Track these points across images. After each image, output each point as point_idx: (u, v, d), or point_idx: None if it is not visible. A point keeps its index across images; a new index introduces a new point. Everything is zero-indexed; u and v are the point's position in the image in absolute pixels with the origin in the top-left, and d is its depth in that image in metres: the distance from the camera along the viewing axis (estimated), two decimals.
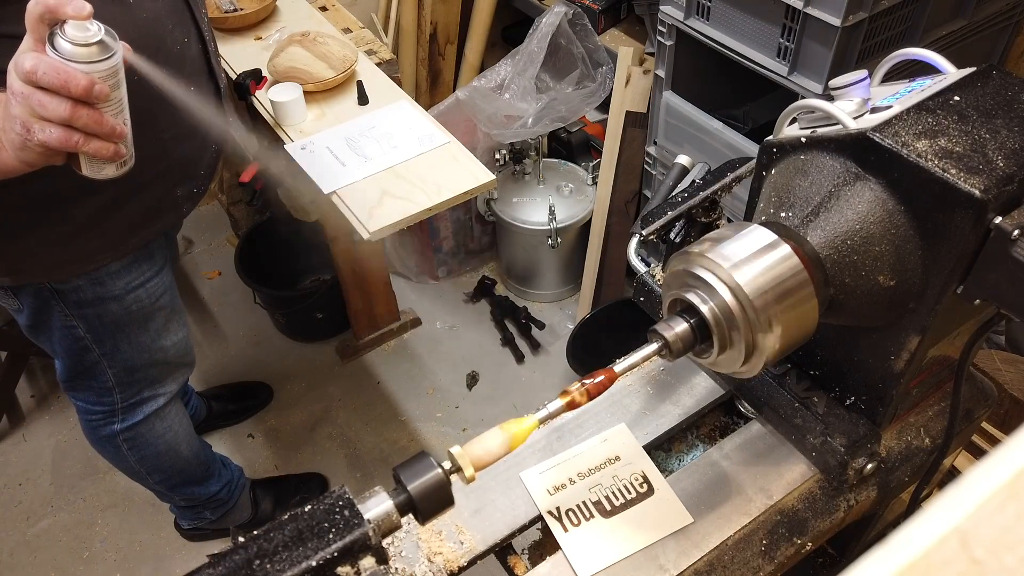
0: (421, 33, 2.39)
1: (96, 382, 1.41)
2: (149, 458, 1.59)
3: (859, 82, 0.73)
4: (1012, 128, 0.67)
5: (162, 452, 1.60)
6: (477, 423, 2.22)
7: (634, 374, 0.99)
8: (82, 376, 1.40)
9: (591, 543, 0.83)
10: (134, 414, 1.50)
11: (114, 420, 1.49)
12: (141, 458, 1.58)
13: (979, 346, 0.83)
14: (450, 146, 1.57)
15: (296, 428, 2.23)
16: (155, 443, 1.57)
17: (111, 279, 1.27)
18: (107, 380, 1.41)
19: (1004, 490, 0.23)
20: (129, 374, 1.42)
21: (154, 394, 1.50)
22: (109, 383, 1.42)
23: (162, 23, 1.08)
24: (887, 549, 0.23)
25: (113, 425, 1.50)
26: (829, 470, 0.87)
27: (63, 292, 1.24)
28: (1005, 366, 1.60)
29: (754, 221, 0.73)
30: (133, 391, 1.46)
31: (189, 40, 1.15)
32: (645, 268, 0.99)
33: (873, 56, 1.47)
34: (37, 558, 1.97)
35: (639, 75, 1.99)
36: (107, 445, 1.55)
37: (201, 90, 1.21)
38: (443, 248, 2.52)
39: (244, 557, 0.59)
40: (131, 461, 1.58)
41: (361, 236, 1.42)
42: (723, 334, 0.68)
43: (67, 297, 1.25)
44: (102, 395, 1.44)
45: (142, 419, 1.51)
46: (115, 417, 1.49)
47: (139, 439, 1.54)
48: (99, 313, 1.29)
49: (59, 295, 1.25)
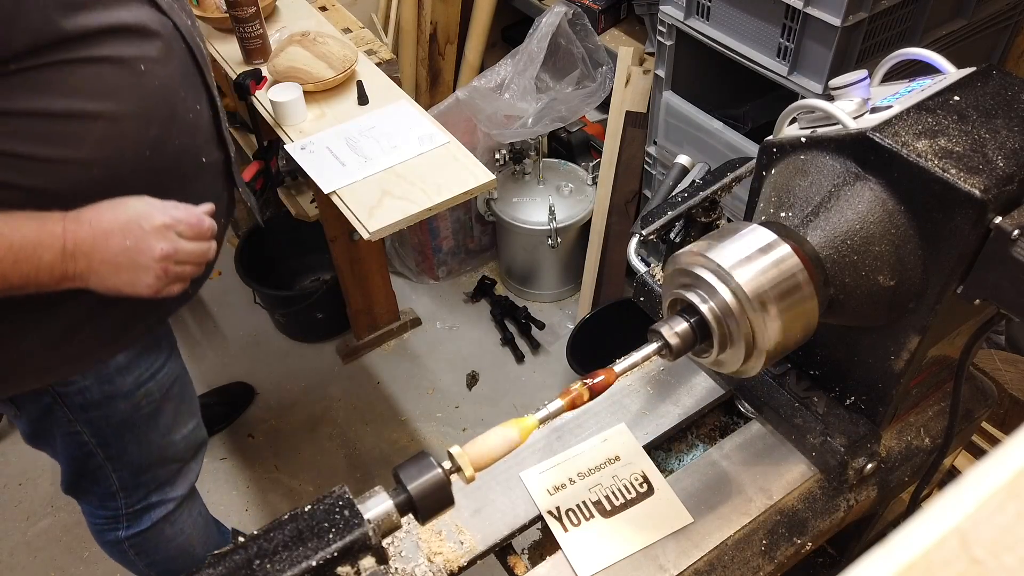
0: (421, 33, 2.39)
1: (99, 487, 1.29)
2: (160, 562, 1.44)
3: (859, 82, 0.73)
4: (1012, 128, 0.67)
5: (174, 556, 1.45)
6: (477, 423, 2.22)
7: (634, 374, 0.99)
8: (84, 480, 1.28)
9: (591, 543, 0.83)
10: (140, 521, 1.36)
11: (119, 526, 1.36)
12: (150, 563, 1.44)
13: (979, 346, 0.83)
14: (450, 146, 1.57)
15: (296, 428, 2.23)
16: (165, 548, 1.43)
17: (120, 375, 1.15)
18: (111, 484, 1.28)
19: (1004, 490, 0.23)
20: (135, 476, 1.29)
21: (163, 499, 1.36)
22: (113, 487, 1.29)
23: (175, 90, 1.02)
24: (887, 549, 0.23)
25: (118, 531, 1.36)
26: (829, 470, 0.87)
27: (67, 395, 1.13)
28: (1005, 366, 1.60)
29: (754, 221, 0.73)
30: (139, 495, 1.33)
31: (201, 107, 1.09)
32: (645, 268, 0.99)
33: (873, 56, 1.47)
34: (37, 558, 1.97)
35: (639, 75, 1.99)
36: (113, 549, 1.42)
37: (212, 158, 1.14)
38: (443, 248, 2.52)
39: (244, 557, 0.59)
40: (140, 566, 1.44)
41: (361, 236, 1.42)
42: (723, 334, 0.68)
43: (72, 400, 1.14)
44: (105, 500, 1.32)
45: (149, 526, 1.37)
46: (120, 523, 1.35)
47: (147, 544, 1.40)
48: (106, 414, 1.18)
49: (62, 399, 1.13)
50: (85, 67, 0.89)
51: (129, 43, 0.93)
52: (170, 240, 0.95)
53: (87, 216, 0.91)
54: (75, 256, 0.89)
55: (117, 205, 0.93)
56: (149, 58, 0.96)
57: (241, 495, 2.07)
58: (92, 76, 0.90)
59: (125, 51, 0.93)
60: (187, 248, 0.97)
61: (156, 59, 0.97)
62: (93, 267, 0.91)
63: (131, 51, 0.94)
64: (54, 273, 0.89)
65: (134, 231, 0.92)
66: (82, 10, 0.87)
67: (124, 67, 0.94)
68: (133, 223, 0.92)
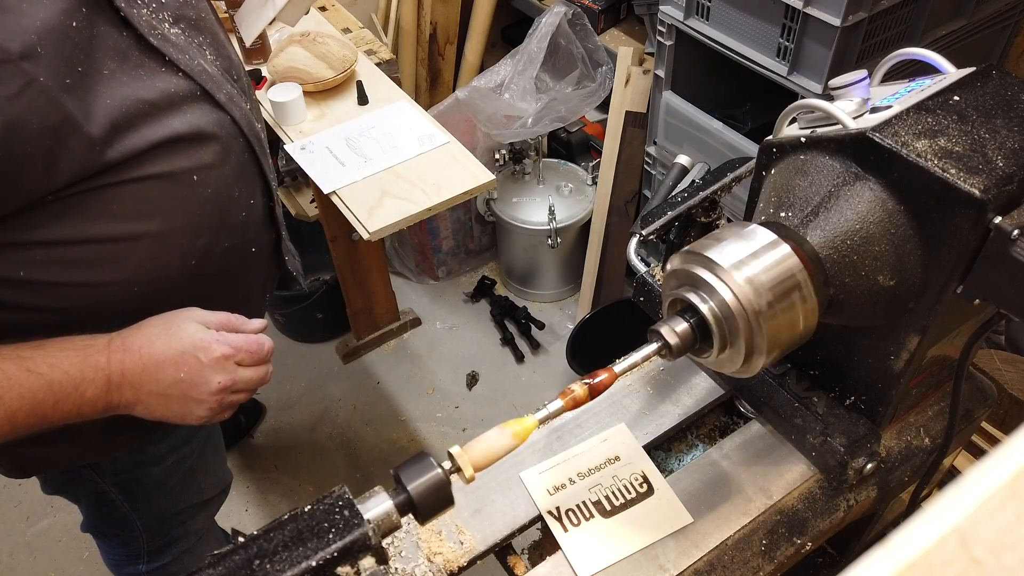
0: (421, 33, 2.39)
1: (122, 532, 1.25)
2: None
3: (859, 82, 0.73)
4: (1012, 128, 0.67)
5: None
6: (477, 423, 2.22)
7: (634, 374, 0.99)
8: (106, 525, 1.25)
9: (591, 543, 0.83)
10: (161, 556, 1.32)
11: (139, 562, 1.32)
12: None
13: (979, 346, 0.83)
14: (450, 146, 1.57)
15: (296, 428, 2.23)
16: None
17: (154, 444, 1.11)
18: (134, 529, 1.24)
19: (1004, 490, 0.23)
20: (160, 523, 1.26)
21: (184, 533, 1.32)
22: (136, 532, 1.25)
23: (228, 194, 0.93)
24: (887, 549, 0.23)
25: (138, 566, 1.32)
26: (829, 470, 0.87)
27: (98, 465, 1.08)
28: (1005, 366, 1.60)
29: (754, 221, 0.73)
30: (162, 533, 1.29)
31: (255, 200, 1.00)
32: (645, 268, 0.99)
33: (873, 56, 1.47)
34: (37, 558, 1.97)
35: (639, 75, 1.99)
36: None
37: (261, 245, 1.05)
38: (443, 248, 2.52)
39: (244, 557, 0.59)
40: None
41: (361, 236, 1.42)
42: (723, 334, 0.68)
43: (102, 468, 1.09)
44: (127, 543, 1.27)
45: (170, 560, 1.33)
46: (140, 560, 1.31)
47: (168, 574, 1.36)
48: (137, 477, 1.13)
49: (93, 467, 1.08)
50: (129, 188, 0.81)
51: (181, 155, 0.85)
52: (229, 372, 0.86)
53: (136, 343, 0.82)
54: (121, 388, 0.82)
55: (170, 330, 0.84)
56: (203, 166, 0.88)
57: (241, 495, 2.07)
58: (137, 197, 0.82)
59: (176, 164, 0.85)
60: (246, 377, 0.88)
61: (211, 165, 0.89)
62: (141, 398, 0.83)
63: (183, 163, 0.86)
64: (97, 406, 0.81)
65: (190, 363, 0.83)
66: (129, 131, 0.79)
67: (174, 182, 0.86)
68: (189, 354, 0.83)
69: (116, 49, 0.78)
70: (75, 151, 0.74)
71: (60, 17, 0.71)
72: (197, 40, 0.90)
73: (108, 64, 0.77)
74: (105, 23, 0.77)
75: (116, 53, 0.78)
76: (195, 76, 0.86)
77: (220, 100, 0.89)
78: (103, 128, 0.76)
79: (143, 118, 0.80)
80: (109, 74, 0.77)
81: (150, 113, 0.80)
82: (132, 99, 0.78)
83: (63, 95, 0.71)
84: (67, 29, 0.72)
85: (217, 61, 0.92)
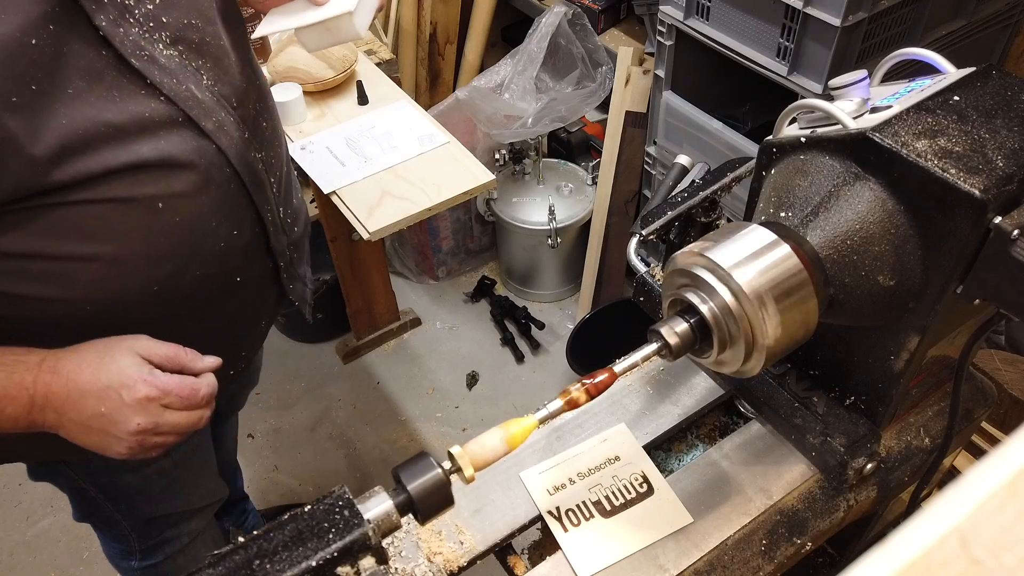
0: (421, 33, 2.39)
1: (110, 529, 1.25)
2: None
3: (859, 82, 0.73)
4: (1012, 128, 0.67)
5: None
6: (477, 423, 2.22)
7: (634, 374, 0.99)
8: (94, 519, 1.24)
9: (591, 543, 0.83)
10: (153, 555, 1.31)
11: (132, 558, 1.32)
12: None
13: (979, 346, 0.83)
14: (450, 146, 1.57)
15: (296, 428, 2.23)
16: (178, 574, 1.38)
17: None
18: (122, 529, 1.24)
19: (1004, 490, 0.23)
20: (147, 524, 1.25)
21: (177, 534, 1.31)
22: (124, 531, 1.25)
23: (203, 224, 0.90)
24: (887, 549, 0.23)
25: (131, 561, 1.32)
26: (829, 470, 0.87)
27: (73, 464, 1.08)
28: (1005, 366, 1.60)
29: (754, 221, 0.73)
30: (152, 535, 1.28)
31: (241, 231, 0.96)
32: (645, 268, 0.99)
33: (873, 56, 1.47)
34: (37, 558, 1.97)
35: (639, 75, 1.99)
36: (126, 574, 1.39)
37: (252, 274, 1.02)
38: (443, 248, 2.52)
39: (244, 557, 0.59)
40: None
41: (361, 236, 1.42)
42: (723, 334, 0.68)
43: (77, 467, 1.09)
44: (118, 538, 1.28)
45: (162, 559, 1.32)
46: (133, 556, 1.31)
47: (159, 573, 1.35)
48: (114, 481, 1.12)
49: (69, 466, 1.08)
50: (82, 209, 0.79)
51: (145, 181, 0.82)
52: (151, 414, 0.82)
53: (66, 367, 0.80)
54: (44, 409, 0.80)
55: (103, 359, 0.82)
56: (173, 194, 0.85)
57: None
58: (90, 219, 0.80)
59: (138, 191, 0.82)
60: (171, 420, 0.84)
61: (182, 193, 0.86)
62: (63, 423, 0.82)
63: (147, 189, 0.83)
64: (19, 424, 0.80)
65: (112, 399, 0.80)
66: (84, 153, 0.76)
67: (134, 207, 0.83)
68: (113, 390, 0.80)
69: (88, 68, 0.75)
70: (13, 170, 0.72)
71: (16, 34, 0.69)
72: (195, 64, 0.85)
73: (75, 83, 0.74)
74: (79, 41, 0.74)
75: (88, 72, 0.75)
76: (179, 101, 0.83)
77: (206, 128, 0.86)
78: (50, 149, 0.73)
79: (104, 141, 0.77)
80: (74, 93, 0.74)
81: (114, 136, 0.78)
82: (94, 121, 0.76)
83: (4, 113, 0.70)
84: (23, 47, 0.69)
85: (215, 87, 0.88)
